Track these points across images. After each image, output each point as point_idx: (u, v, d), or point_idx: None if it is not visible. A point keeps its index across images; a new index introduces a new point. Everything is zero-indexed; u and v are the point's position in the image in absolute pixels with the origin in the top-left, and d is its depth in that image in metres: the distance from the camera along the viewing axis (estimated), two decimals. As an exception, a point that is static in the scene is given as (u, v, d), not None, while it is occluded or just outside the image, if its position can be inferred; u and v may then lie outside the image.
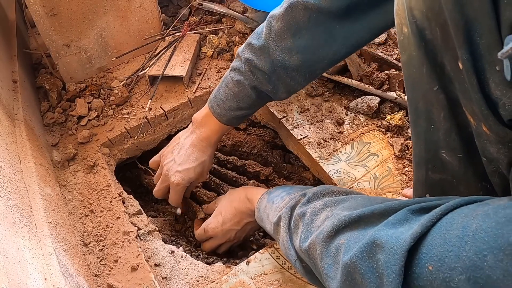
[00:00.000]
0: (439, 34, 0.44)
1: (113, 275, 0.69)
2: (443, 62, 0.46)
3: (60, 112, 0.96)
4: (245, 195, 0.76)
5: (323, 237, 0.49)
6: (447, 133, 0.51)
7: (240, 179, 0.96)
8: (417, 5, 0.45)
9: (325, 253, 0.48)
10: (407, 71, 0.52)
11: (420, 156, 0.56)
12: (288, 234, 0.59)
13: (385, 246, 0.40)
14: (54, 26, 0.92)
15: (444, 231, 0.38)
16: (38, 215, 0.64)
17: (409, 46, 0.49)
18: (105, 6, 0.97)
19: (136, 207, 0.81)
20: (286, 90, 0.73)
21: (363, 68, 0.96)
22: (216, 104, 0.76)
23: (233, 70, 0.74)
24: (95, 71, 1.05)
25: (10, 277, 0.47)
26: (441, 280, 0.36)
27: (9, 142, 0.71)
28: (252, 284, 0.69)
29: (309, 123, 0.93)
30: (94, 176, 0.84)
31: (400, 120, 0.89)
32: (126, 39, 1.05)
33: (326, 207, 0.54)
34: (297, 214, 0.58)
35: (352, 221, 0.47)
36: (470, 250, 0.35)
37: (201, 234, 0.82)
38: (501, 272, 0.32)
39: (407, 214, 0.43)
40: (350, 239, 0.46)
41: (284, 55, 0.68)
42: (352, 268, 0.43)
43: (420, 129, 0.54)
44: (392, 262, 0.39)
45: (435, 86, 0.48)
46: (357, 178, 0.82)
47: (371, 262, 0.42)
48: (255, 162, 0.97)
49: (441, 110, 0.49)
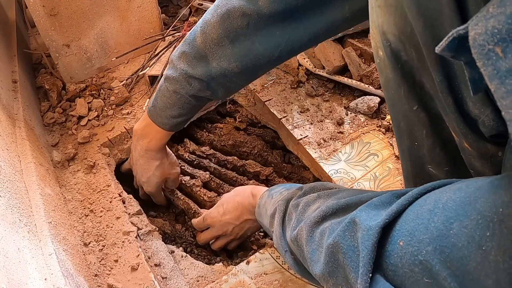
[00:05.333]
0: (414, 55, 0.44)
1: (113, 275, 0.69)
2: (422, 81, 0.46)
3: (60, 112, 0.96)
4: (250, 190, 0.75)
5: (310, 222, 0.49)
6: (431, 149, 0.51)
7: (240, 179, 0.96)
8: (390, 29, 0.46)
9: (310, 238, 0.49)
10: (386, 93, 0.53)
11: (408, 171, 0.57)
12: (281, 226, 0.58)
13: (362, 224, 0.41)
14: (54, 26, 0.92)
15: (418, 207, 0.38)
16: (38, 215, 0.64)
17: (385, 69, 0.49)
18: (105, 6, 0.97)
19: (136, 207, 0.81)
20: (225, 92, 0.72)
21: (363, 68, 0.96)
22: (156, 113, 0.75)
23: (167, 80, 0.71)
24: (95, 71, 1.05)
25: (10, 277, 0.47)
26: (410, 255, 0.36)
27: (9, 142, 0.71)
28: (252, 284, 0.69)
29: (309, 123, 0.93)
30: (94, 176, 0.84)
31: (400, 120, 0.89)
32: (126, 39, 1.05)
33: (319, 198, 0.54)
34: (291, 205, 0.58)
35: (339, 208, 0.47)
36: (438, 221, 0.34)
37: (199, 222, 0.82)
38: (466, 239, 0.31)
39: (392, 197, 0.43)
40: (334, 223, 0.46)
41: (223, 63, 0.65)
42: (335, 248, 0.43)
43: (404, 146, 0.55)
44: (366, 238, 0.39)
45: (414, 105, 0.49)
46: (357, 178, 0.82)
47: (352, 240, 0.41)
48: (255, 162, 0.97)
49: (423, 128, 0.50)
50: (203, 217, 0.81)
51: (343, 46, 1.00)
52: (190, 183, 0.92)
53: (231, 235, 0.79)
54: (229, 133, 1.04)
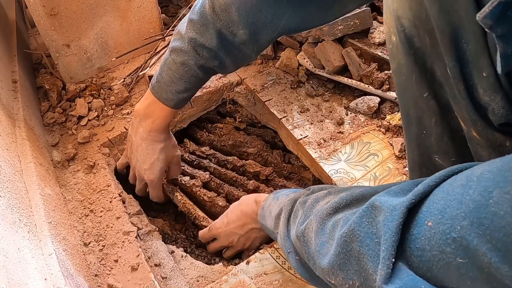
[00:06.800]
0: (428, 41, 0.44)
1: (113, 275, 0.69)
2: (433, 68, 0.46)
3: (60, 112, 0.96)
4: (254, 198, 0.73)
5: (321, 214, 0.47)
6: (439, 138, 0.51)
7: (240, 179, 0.96)
8: (405, 14, 0.45)
9: (321, 230, 0.46)
10: (397, 79, 0.52)
11: (414, 161, 0.56)
12: (286, 225, 0.57)
13: (384, 205, 0.38)
14: (54, 26, 0.92)
15: (447, 186, 0.35)
16: (38, 215, 0.64)
17: (398, 54, 0.49)
18: (105, 6, 0.97)
19: (136, 207, 0.81)
20: (233, 63, 0.70)
21: (363, 68, 0.96)
22: (161, 89, 0.72)
23: (174, 52, 0.69)
24: (95, 71, 1.05)
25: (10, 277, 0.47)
26: (441, 234, 0.33)
27: (9, 142, 0.71)
28: (252, 284, 0.69)
29: (309, 123, 0.93)
30: (94, 176, 0.84)
31: (400, 120, 0.89)
32: (126, 39, 1.05)
33: (329, 194, 0.52)
34: (298, 203, 0.56)
35: (353, 199, 0.45)
36: (474, 192, 0.31)
37: (205, 233, 0.80)
38: (509, 205, 0.29)
39: (412, 185, 0.40)
40: (348, 214, 0.43)
41: (230, 29, 0.64)
42: (350, 236, 0.40)
43: (412, 135, 0.54)
44: (390, 219, 0.36)
45: (425, 92, 0.48)
46: (357, 178, 0.82)
47: (370, 227, 0.39)
48: (255, 162, 0.97)
49: (432, 116, 0.49)
50: (208, 228, 0.80)
51: (343, 46, 1.00)
52: (190, 183, 0.92)
53: (238, 246, 0.77)
54: (229, 133, 1.04)
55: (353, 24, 0.97)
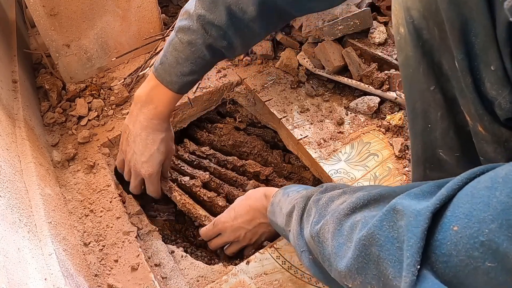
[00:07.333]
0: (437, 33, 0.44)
1: (113, 275, 0.69)
2: (441, 61, 0.46)
3: (60, 112, 0.96)
4: (263, 192, 0.71)
5: (338, 215, 0.46)
6: (444, 132, 0.50)
7: (240, 179, 0.96)
8: (414, 5, 0.45)
9: (338, 231, 0.45)
10: (404, 71, 0.52)
11: (418, 155, 0.56)
12: (299, 223, 0.55)
13: (407, 210, 0.36)
14: (54, 26, 0.92)
15: (471, 189, 0.34)
16: (38, 215, 0.64)
17: (406, 46, 0.49)
18: (105, 6, 0.97)
19: (136, 207, 0.81)
20: (242, 43, 0.69)
21: (363, 68, 0.96)
22: (165, 72, 0.69)
23: (181, 31, 0.67)
24: (95, 71, 1.05)
25: (10, 277, 0.47)
26: (468, 238, 0.32)
27: (9, 142, 0.71)
28: (252, 284, 0.69)
29: (309, 123, 0.93)
30: (94, 176, 0.84)
31: (400, 120, 0.89)
32: (126, 39, 1.05)
33: (344, 194, 0.51)
34: (312, 201, 0.55)
35: (370, 199, 0.44)
36: (502, 194, 0.31)
37: (209, 229, 0.78)
38: None
39: (433, 187, 0.39)
40: (367, 216, 0.42)
41: (240, 6, 0.63)
42: (369, 240, 0.39)
43: (417, 128, 0.53)
44: (414, 224, 0.35)
45: (432, 85, 0.48)
46: (357, 178, 0.82)
47: (391, 231, 0.37)
48: (255, 162, 0.97)
49: (438, 109, 0.49)
50: (212, 223, 0.77)
51: (343, 46, 1.00)
52: (190, 183, 0.92)
53: (244, 241, 0.76)
54: (229, 133, 1.04)
55: (353, 24, 0.97)
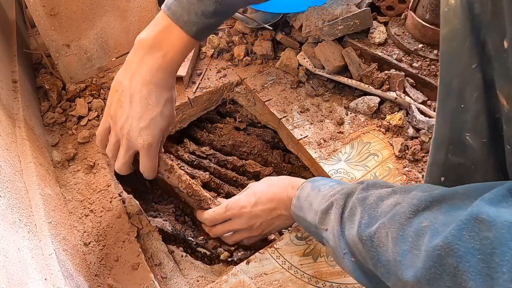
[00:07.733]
0: (489, 8, 0.41)
1: (113, 275, 0.69)
2: (486, 40, 0.43)
3: (60, 112, 0.96)
4: (288, 181, 0.65)
5: (399, 219, 0.43)
6: (477, 115, 0.48)
7: (240, 179, 0.96)
8: None
9: (401, 237, 0.42)
10: (446, 45, 0.48)
11: (443, 137, 0.52)
12: (340, 223, 0.52)
13: (495, 221, 0.34)
14: (54, 26, 0.92)
15: None
16: (38, 215, 0.64)
17: (454, 19, 0.46)
18: (105, 6, 0.97)
19: (136, 207, 0.81)
20: None
21: (363, 68, 0.96)
22: (183, 9, 0.56)
23: None
24: (95, 71, 1.05)
25: (10, 277, 0.47)
26: None
27: (9, 142, 0.71)
28: (252, 284, 0.69)
29: (309, 123, 0.93)
30: (94, 176, 0.84)
31: (400, 120, 0.89)
32: (126, 39, 1.05)
33: (394, 193, 0.48)
34: (355, 199, 0.51)
35: (433, 201, 0.42)
36: None
37: (219, 213, 0.69)
38: None
39: (505, 192, 0.37)
40: (435, 221, 0.40)
41: None
42: (445, 250, 0.37)
43: (448, 108, 0.50)
44: (509, 238, 0.32)
45: (474, 63, 0.45)
46: (357, 178, 0.82)
47: (472, 242, 0.35)
48: (255, 162, 0.97)
49: (475, 89, 0.47)
50: (224, 207, 0.68)
51: (343, 46, 1.00)
52: (190, 183, 0.92)
53: (256, 231, 0.69)
54: (229, 133, 1.04)
55: (353, 24, 0.97)
